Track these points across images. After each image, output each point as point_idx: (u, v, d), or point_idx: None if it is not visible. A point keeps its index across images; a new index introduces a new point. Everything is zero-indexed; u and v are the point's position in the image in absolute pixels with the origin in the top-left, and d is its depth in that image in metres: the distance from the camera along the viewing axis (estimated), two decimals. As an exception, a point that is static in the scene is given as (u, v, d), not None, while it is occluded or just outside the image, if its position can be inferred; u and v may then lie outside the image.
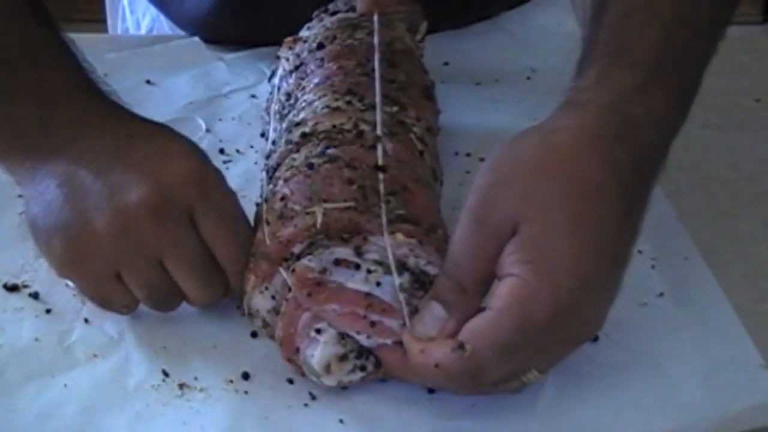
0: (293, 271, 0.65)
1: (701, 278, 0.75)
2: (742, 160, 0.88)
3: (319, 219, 0.66)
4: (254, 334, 0.70)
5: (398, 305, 0.64)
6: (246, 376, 0.67)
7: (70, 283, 0.72)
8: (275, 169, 0.73)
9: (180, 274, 0.68)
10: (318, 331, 0.64)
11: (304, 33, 0.86)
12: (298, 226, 0.67)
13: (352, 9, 0.86)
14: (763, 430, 0.64)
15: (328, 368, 0.64)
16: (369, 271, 0.64)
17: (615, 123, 0.63)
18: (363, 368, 0.65)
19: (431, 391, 0.66)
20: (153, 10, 1.11)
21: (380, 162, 0.70)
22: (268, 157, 0.77)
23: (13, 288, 0.75)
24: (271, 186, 0.71)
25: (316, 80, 0.79)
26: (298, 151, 0.72)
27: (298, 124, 0.75)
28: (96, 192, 0.67)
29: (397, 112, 0.75)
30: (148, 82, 0.99)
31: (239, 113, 0.95)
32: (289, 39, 0.87)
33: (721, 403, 0.65)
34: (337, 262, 0.65)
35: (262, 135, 0.87)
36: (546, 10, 1.04)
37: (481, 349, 0.60)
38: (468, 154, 0.88)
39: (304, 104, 0.77)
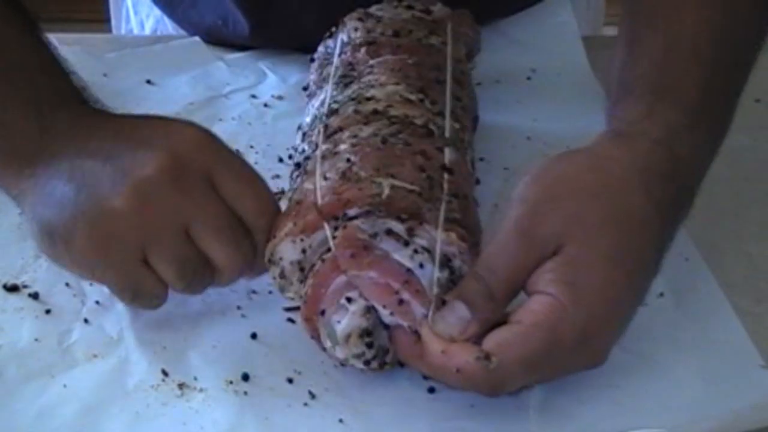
0: (344, 228, 0.65)
1: (701, 279, 0.75)
2: (742, 160, 0.88)
3: (386, 191, 0.66)
4: (254, 336, 0.70)
5: (431, 293, 0.63)
6: (246, 377, 0.67)
7: (85, 284, 0.72)
8: (335, 132, 0.72)
9: (208, 240, 0.66)
10: (349, 299, 0.64)
11: (375, 11, 0.87)
12: (362, 190, 0.66)
13: (427, 12, 0.87)
14: (764, 430, 0.64)
15: (348, 338, 0.64)
16: (416, 251, 0.64)
17: (663, 160, 0.65)
18: (380, 358, 0.65)
19: (431, 390, 0.66)
20: (157, 12, 1.12)
21: (447, 163, 0.70)
22: (328, 116, 0.76)
23: (12, 288, 0.74)
24: (329, 145, 0.71)
25: (390, 65, 0.79)
26: (366, 124, 0.72)
27: (369, 99, 0.75)
28: (108, 175, 0.66)
29: (459, 129, 0.76)
30: (148, 81, 0.99)
31: (239, 113, 0.95)
32: (360, 10, 0.87)
33: (721, 404, 0.64)
34: (389, 233, 0.64)
35: (305, 89, 0.87)
36: (545, 11, 1.04)
37: (506, 362, 0.60)
38: (469, 154, 0.88)
39: (374, 83, 0.77)
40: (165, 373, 0.68)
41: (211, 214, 0.66)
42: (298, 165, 0.74)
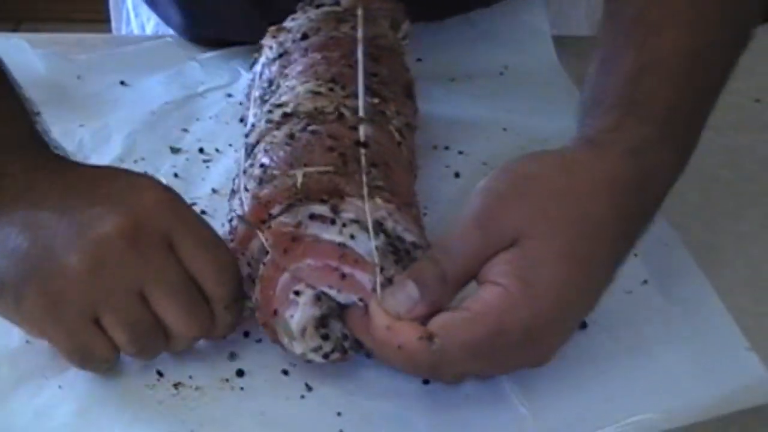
0: (269, 228, 0.66)
1: (683, 265, 0.76)
2: (742, 160, 0.89)
3: (299, 180, 0.67)
4: (246, 334, 0.70)
5: (371, 259, 0.64)
6: (240, 372, 0.68)
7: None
8: (254, 146, 0.74)
9: (164, 304, 0.64)
10: (297, 293, 0.64)
11: (288, 23, 0.87)
12: (277, 187, 0.67)
13: (337, 3, 0.86)
14: (751, 410, 0.65)
15: (303, 332, 0.64)
16: (344, 225, 0.65)
17: (631, 170, 0.66)
18: (339, 349, 0.65)
19: (426, 382, 0.67)
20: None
21: (362, 138, 0.71)
22: (247, 135, 0.77)
23: (1, 291, 0.74)
24: (250, 160, 0.72)
25: (299, 68, 0.80)
26: (278, 128, 0.73)
27: (279, 105, 0.76)
28: (63, 230, 0.63)
29: (378, 103, 0.76)
30: (122, 83, 0.98)
31: (216, 112, 0.95)
32: (273, 28, 0.88)
33: (710, 387, 0.66)
34: (312, 217, 0.65)
35: (242, 120, 0.87)
36: (519, 8, 1.05)
37: (449, 346, 0.61)
38: (447, 148, 0.89)
39: (286, 89, 0.78)
40: (160, 373, 0.68)
41: (167, 277, 0.64)
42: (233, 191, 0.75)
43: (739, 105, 0.95)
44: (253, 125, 0.78)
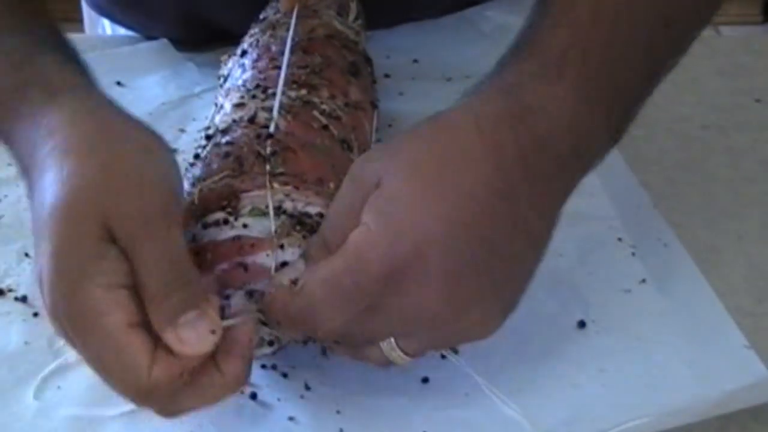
0: None
1: (681, 264, 0.76)
2: (742, 160, 0.89)
3: (196, 197, 0.66)
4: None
5: (269, 239, 0.63)
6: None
7: None
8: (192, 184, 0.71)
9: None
10: (227, 296, 0.63)
11: (239, 48, 0.87)
12: (185, 211, 0.65)
13: (278, 11, 0.87)
14: (750, 410, 0.66)
15: None
16: (236, 219, 0.64)
17: (504, 106, 0.61)
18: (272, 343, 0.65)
19: (425, 380, 0.67)
20: None
21: (270, 131, 0.70)
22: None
23: (-2, 292, 0.74)
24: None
25: (235, 85, 0.80)
26: (197, 156, 0.72)
27: (206, 128, 0.75)
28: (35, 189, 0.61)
29: (304, 94, 0.76)
30: (118, 83, 0.99)
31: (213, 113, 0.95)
32: (224, 56, 0.88)
33: (709, 385, 0.66)
34: (206, 225, 0.65)
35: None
36: (514, 8, 1.05)
37: (311, 285, 0.59)
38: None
39: (220, 110, 0.78)
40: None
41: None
42: None
43: (739, 105, 0.96)
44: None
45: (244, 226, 0.64)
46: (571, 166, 0.63)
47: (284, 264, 0.63)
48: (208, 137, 0.72)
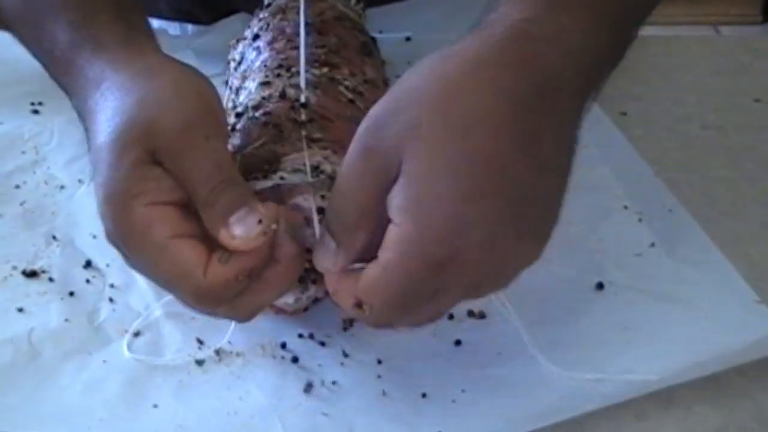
0: None
1: (687, 227, 0.79)
2: (742, 160, 0.89)
3: (238, 162, 0.68)
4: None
5: (306, 185, 0.66)
6: (284, 345, 0.70)
7: (102, 265, 0.75)
8: None
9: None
10: None
11: (245, 32, 0.89)
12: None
13: None
14: (750, 410, 0.67)
15: None
16: (274, 172, 0.67)
17: (514, 45, 0.60)
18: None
19: (458, 343, 0.70)
20: None
21: (303, 100, 0.72)
22: None
23: (32, 274, 0.76)
24: None
25: (254, 67, 0.82)
26: (234, 129, 0.74)
27: (234, 108, 0.78)
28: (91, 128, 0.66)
29: (327, 72, 0.78)
30: (118, 72, 1.00)
31: (217, 99, 0.97)
32: (232, 41, 0.90)
33: (729, 337, 0.69)
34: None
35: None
36: None
37: (377, 306, 0.60)
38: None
39: (243, 91, 0.80)
40: (200, 341, 0.70)
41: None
42: None
43: (739, 105, 0.96)
44: None
45: (282, 178, 0.67)
46: (583, 91, 0.63)
47: (320, 210, 0.65)
48: (239, 114, 0.75)
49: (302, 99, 0.73)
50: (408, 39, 1.04)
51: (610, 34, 0.63)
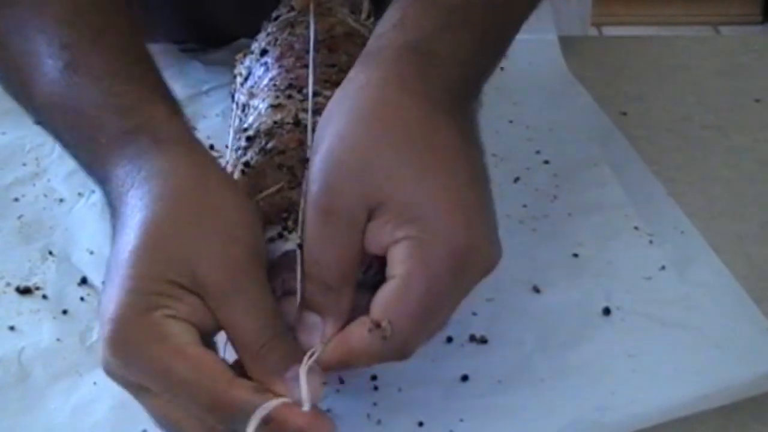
0: None
1: (699, 250, 0.77)
2: (742, 160, 0.89)
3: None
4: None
5: None
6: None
7: (97, 283, 0.72)
8: None
9: None
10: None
11: (252, 45, 0.88)
12: None
13: (292, 9, 0.87)
14: (750, 409, 0.66)
15: None
16: (290, 233, 0.64)
17: (418, 61, 0.63)
18: None
19: (458, 370, 0.68)
20: None
21: (309, 142, 0.69)
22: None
23: (25, 291, 0.75)
24: None
25: (262, 84, 0.80)
26: (245, 154, 0.73)
27: (245, 130, 0.76)
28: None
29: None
30: (125, 83, 0.98)
31: (222, 109, 0.95)
32: (239, 54, 0.88)
33: (740, 368, 0.67)
34: (271, 240, 0.65)
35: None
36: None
37: (399, 322, 0.59)
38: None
39: (252, 110, 0.78)
40: (193, 365, 0.68)
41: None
42: None
43: (739, 105, 0.96)
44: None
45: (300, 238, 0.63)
46: (474, 96, 0.68)
47: None
48: (249, 138, 0.73)
49: (308, 140, 0.69)
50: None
51: (492, 54, 0.69)
